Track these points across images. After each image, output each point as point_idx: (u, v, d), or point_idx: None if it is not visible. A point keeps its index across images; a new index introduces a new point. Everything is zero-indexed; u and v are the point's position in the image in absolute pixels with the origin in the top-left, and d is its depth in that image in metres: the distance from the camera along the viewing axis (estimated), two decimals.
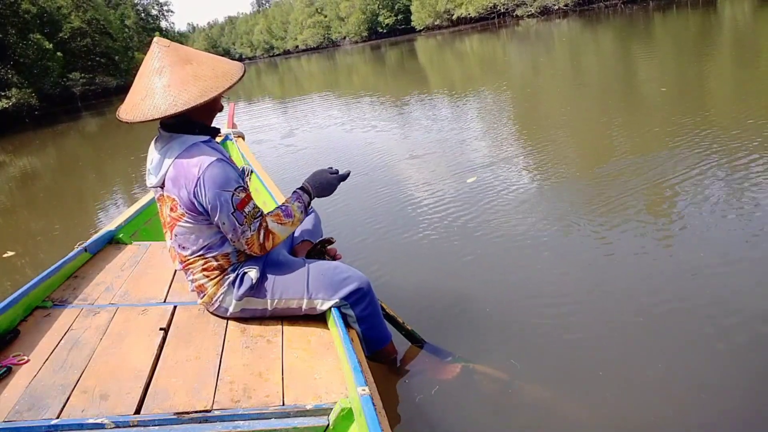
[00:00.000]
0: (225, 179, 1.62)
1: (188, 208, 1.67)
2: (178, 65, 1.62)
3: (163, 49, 1.64)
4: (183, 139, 1.67)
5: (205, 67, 1.65)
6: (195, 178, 1.61)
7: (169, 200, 1.69)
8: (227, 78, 1.66)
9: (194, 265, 1.77)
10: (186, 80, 1.60)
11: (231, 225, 1.67)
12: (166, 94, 1.59)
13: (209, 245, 1.74)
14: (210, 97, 1.60)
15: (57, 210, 6.66)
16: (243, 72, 1.72)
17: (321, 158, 6.57)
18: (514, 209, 3.60)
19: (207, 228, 1.71)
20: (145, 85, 1.62)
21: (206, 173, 1.61)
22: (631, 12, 26.90)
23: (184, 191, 1.64)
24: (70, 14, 37.30)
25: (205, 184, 1.61)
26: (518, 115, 7.48)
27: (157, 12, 58.21)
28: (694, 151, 4.09)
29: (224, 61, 1.73)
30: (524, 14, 40.93)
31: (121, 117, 1.65)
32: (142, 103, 1.61)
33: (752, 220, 2.85)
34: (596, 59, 12.49)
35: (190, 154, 1.65)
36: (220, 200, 1.62)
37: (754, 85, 6.49)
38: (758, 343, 1.96)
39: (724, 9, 19.38)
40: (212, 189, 1.61)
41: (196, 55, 1.69)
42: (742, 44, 10.75)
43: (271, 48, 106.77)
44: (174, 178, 1.65)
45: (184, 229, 1.71)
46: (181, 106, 1.57)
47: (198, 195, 1.63)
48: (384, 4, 72.50)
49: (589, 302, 2.39)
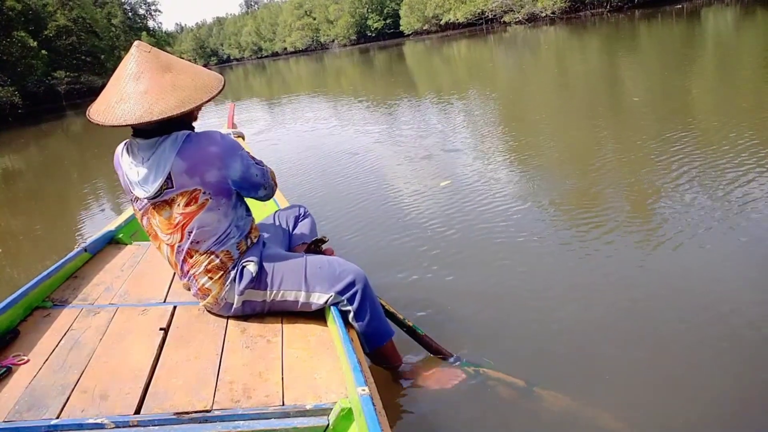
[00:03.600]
0: (235, 142, 1.74)
1: (215, 191, 1.68)
2: (157, 72, 1.60)
3: (143, 53, 1.62)
4: (174, 137, 1.65)
5: (184, 77, 1.64)
6: (220, 153, 1.67)
7: (184, 196, 1.66)
8: (206, 91, 1.65)
9: (199, 267, 1.76)
10: (164, 89, 1.59)
11: (260, 171, 1.81)
12: (142, 101, 1.56)
13: (220, 237, 1.74)
14: (187, 109, 1.59)
15: (39, 210, 6.58)
16: (222, 85, 1.71)
17: (303, 157, 6.66)
18: (495, 211, 3.66)
19: (224, 213, 1.73)
20: (121, 88, 1.60)
21: (223, 146, 1.68)
22: (616, 20, 27.22)
23: (212, 173, 1.66)
24: (56, 12, 36.89)
25: (231, 153, 1.69)
26: (500, 118, 7.62)
27: (144, 11, 57.68)
28: (674, 155, 4.18)
29: (204, 73, 1.72)
30: (512, 21, 41.17)
31: (92, 117, 1.63)
32: (116, 107, 1.58)
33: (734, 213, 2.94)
34: (581, 66, 12.64)
35: (196, 142, 1.65)
36: (244, 159, 1.74)
37: (733, 90, 6.67)
38: (750, 344, 2.01)
39: (707, 19, 19.72)
40: (236, 154, 1.71)
41: (176, 63, 1.67)
42: (724, 52, 10.98)
43: (259, 49, 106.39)
44: (189, 170, 1.63)
45: (202, 220, 1.70)
46: (156, 114, 1.55)
47: (230, 166, 1.69)
48: (373, 8, 72.67)
49: (584, 305, 2.43)
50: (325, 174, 5.50)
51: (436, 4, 53.38)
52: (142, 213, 1.76)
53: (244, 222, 1.82)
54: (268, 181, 1.86)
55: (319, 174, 5.52)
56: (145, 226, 1.80)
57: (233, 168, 1.70)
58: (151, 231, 1.79)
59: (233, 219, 1.76)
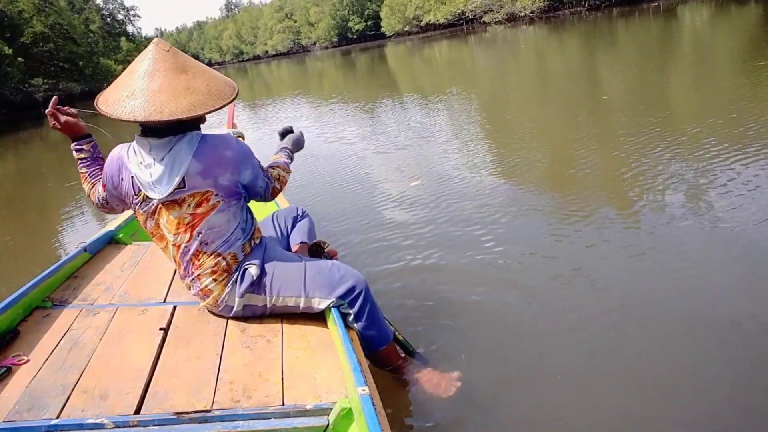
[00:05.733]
0: (249, 150, 1.77)
1: (227, 194, 1.70)
2: (172, 72, 1.60)
3: (161, 52, 1.62)
4: (189, 137, 1.66)
5: (199, 81, 1.63)
6: (234, 158, 1.69)
7: (195, 197, 1.67)
8: (219, 97, 1.64)
9: (205, 268, 1.76)
10: (178, 90, 1.58)
11: (264, 184, 1.85)
12: (153, 99, 1.56)
13: (229, 239, 1.75)
14: (197, 114, 1.59)
15: (14, 219, 6.51)
16: (236, 94, 1.71)
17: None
18: (464, 209, 3.72)
19: (233, 214, 1.74)
20: (134, 84, 1.59)
21: (238, 151, 1.70)
22: (595, 19, 27.54)
23: (225, 176, 1.68)
24: (32, 19, 36.17)
25: (244, 159, 1.73)
26: (481, 117, 7.72)
27: (123, 17, 57.06)
28: (650, 152, 4.26)
29: (220, 79, 1.71)
30: (491, 21, 41.41)
31: (100, 107, 1.62)
32: (126, 102, 1.57)
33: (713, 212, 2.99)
34: (558, 65, 12.80)
35: (211, 144, 1.67)
36: (255, 168, 1.78)
37: (708, 84, 6.81)
38: (730, 343, 2.01)
39: (684, 16, 20.04)
40: (248, 160, 1.75)
41: (193, 65, 1.67)
42: (700, 47, 11.21)
43: (240, 53, 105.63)
44: (203, 171, 1.64)
45: (212, 221, 1.70)
46: (166, 115, 1.55)
47: (242, 172, 1.72)
48: (354, 10, 72.58)
49: (566, 307, 2.42)
50: (304, 174, 5.58)
51: (416, 6, 53.51)
52: (148, 214, 1.75)
53: (249, 224, 1.83)
54: (267, 195, 1.90)
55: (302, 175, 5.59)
56: (149, 227, 1.79)
57: (244, 174, 1.74)
58: (156, 232, 1.78)
59: (240, 221, 1.78)
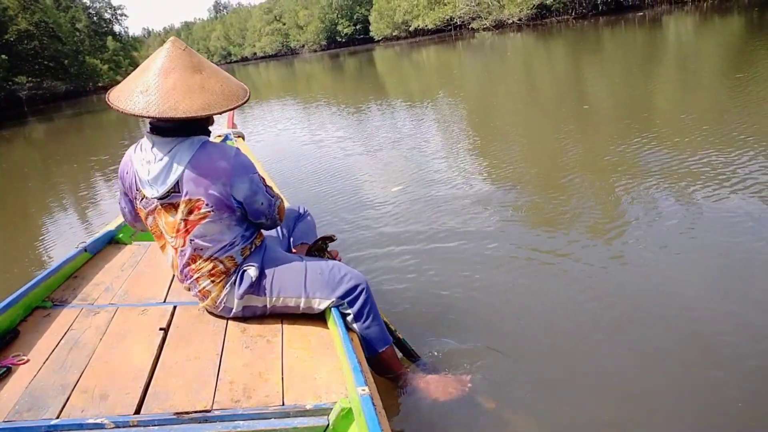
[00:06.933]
0: (249, 163, 1.73)
1: (217, 205, 1.67)
2: (187, 71, 1.62)
3: (177, 50, 1.63)
4: (190, 141, 1.66)
5: (213, 82, 1.65)
6: (228, 170, 1.65)
7: (188, 203, 1.66)
8: (233, 99, 1.66)
9: (202, 271, 1.76)
10: (192, 89, 1.60)
11: (267, 201, 1.78)
12: (168, 96, 1.57)
13: (224, 246, 1.74)
14: (211, 113, 1.61)
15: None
16: (247, 97, 1.72)
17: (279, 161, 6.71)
18: (446, 213, 3.76)
19: (227, 226, 1.72)
20: (148, 80, 1.60)
21: (235, 163, 1.67)
22: (581, 27, 27.86)
23: (216, 187, 1.65)
24: (17, 16, 35.78)
25: (240, 173, 1.68)
26: (467, 122, 7.78)
27: (110, 16, 56.58)
28: (631, 159, 4.32)
29: (233, 81, 1.73)
30: (479, 27, 41.72)
31: (112, 102, 1.62)
32: (140, 97, 1.58)
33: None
34: (544, 71, 12.97)
35: (208, 152, 1.66)
36: (254, 183, 1.72)
37: (692, 92, 6.96)
38: (714, 351, 2.04)
39: (668, 26, 20.36)
40: (246, 174, 1.70)
41: (207, 66, 1.69)
42: (684, 56, 11.40)
43: (228, 54, 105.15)
44: (196, 179, 1.64)
45: (204, 230, 1.69)
46: (181, 112, 1.56)
47: (236, 185, 1.67)
48: (343, 14, 72.73)
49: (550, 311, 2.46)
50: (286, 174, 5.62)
51: (405, 11, 53.73)
52: (148, 212, 1.75)
53: (249, 233, 1.82)
54: (273, 214, 1.83)
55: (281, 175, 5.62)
56: (150, 225, 1.79)
57: (238, 188, 1.69)
58: (156, 231, 1.78)
59: (237, 234, 1.76)
